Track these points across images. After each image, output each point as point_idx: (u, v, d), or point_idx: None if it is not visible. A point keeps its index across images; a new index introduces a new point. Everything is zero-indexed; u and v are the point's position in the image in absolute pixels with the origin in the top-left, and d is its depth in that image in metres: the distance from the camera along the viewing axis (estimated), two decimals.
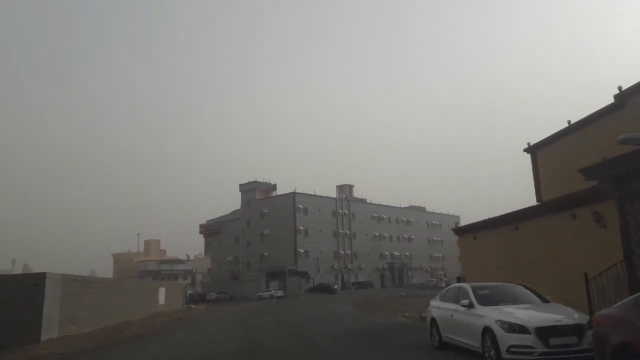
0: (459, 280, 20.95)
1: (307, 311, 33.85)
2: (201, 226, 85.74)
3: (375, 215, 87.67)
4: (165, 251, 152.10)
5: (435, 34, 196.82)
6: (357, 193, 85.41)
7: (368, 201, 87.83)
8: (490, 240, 19.12)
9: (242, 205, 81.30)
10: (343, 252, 79.12)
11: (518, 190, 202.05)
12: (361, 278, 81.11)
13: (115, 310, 24.21)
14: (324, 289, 68.78)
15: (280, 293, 65.34)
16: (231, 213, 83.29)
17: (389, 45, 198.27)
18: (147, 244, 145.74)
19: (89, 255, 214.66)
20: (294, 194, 74.29)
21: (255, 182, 79.61)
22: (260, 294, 66.17)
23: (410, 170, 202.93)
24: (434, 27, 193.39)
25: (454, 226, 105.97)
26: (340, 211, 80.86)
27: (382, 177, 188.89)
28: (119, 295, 25.94)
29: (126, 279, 59.35)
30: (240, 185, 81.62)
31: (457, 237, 23.89)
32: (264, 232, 76.26)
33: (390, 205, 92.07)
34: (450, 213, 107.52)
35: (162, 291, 36.68)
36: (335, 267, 77.19)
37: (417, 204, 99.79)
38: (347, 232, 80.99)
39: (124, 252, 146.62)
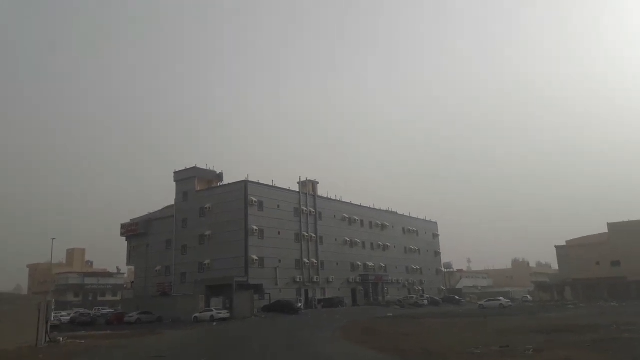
0: None
1: (270, 348, 19.75)
2: (123, 226, 66.15)
3: (346, 216, 71.15)
4: (92, 262, 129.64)
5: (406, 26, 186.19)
6: (321, 193, 68.66)
7: (337, 199, 71.28)
8: None
9: (176, 199, 62.65)
10: (307, 261, 61.90)
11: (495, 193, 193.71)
12: (329, 294, 64.06)
13: None
14: (284, 307, 51.46)
15: (224, 314, 47.95)
16: (163, 209, 64.44)
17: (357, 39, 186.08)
18: (70, 253, 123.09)
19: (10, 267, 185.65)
20: (245, 182, 56.70)
21: (195, 168, 61.37)
22: (197, 314, 48.74)
23: (380, 171, 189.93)
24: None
25: (431, 234, 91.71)
26: (305, 208, 63.78)
27: (348, 176, 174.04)
28: None
29: None
30: (175, 173, 63.10)
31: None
32: (204, 233, 57.96)
33: (363, 205, 75.90)
34: (428, 219, 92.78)
35: None
36: (298, 280, 59.80)
37: (387, 208, 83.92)
38: (313, 235, 63.94)
39: (42, 262, 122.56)
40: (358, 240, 71.93)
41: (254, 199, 56.22)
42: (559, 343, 18.09)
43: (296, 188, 64.19)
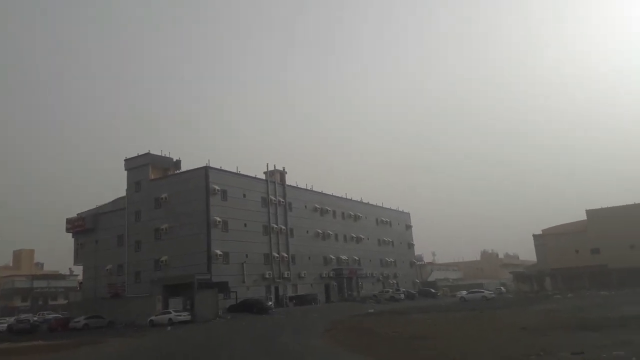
0: None
1: None
2: (68, 221, 58.77)
3: (318, 206, 65.98)
4: (42, 264, 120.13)
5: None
6: (290, 183, 63.02)
7: (307, 188, 66.01)
8: None
9: (128, 189, 55.88)
10: (277, 255, 56.39)
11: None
12: (301, 290, 58.81)
13: None
14: (252, 307, 46.16)
15: (185, 316, 42.41)
16: (113, 202, 57.54)
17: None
18: (17, 255, 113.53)
19: None
20: (206, 169, 50.64)
21: (148, 155, 54.75)
22: (153, 317, 43.03)
23: (350, 159, 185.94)
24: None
25: (404, 225, 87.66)
26: (274, 198, 58.18)
27: (316, 165, 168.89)
28: None
29: None
30: (125, 160, 56.29)
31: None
32: (161, 226, 51.60)
33: (334, 194, 70.92)
34: (400, 209, 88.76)
35: None
36: (267, 276, 54.21)
37: (360, 199, 78.94)
38: (283, 227, 58.44)
39: None
40: (330, 232, 66.94)
41: (217, 187, 50.25)
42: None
43: (263, 177, 58.47)
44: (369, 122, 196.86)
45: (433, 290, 79.64)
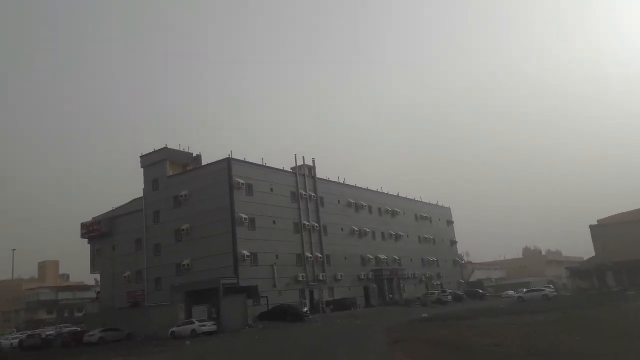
0: None
1: None
2: (83, 226, 54.34)
3: (352, 201, 60.03)
4: (68, 275, 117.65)
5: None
6: (320, 176, 57.13)
7: (340, 181, 60.17)
8: None
9: (145, 188, 51.06)
10: (311, 255, 50.65)
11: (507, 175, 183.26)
12: (338, 294, 52.86)
13: None
14: (286, 314, 40.55)
15: (210, 326, 37.11)
16: (129, 203, 52.84)
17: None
18: (42, 266, 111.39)
19: None
20: (229, 161, 45.33)
21: (166, 150, 49.85)
22: (174, 329, 37.71)
23: (383, 152, 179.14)
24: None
25: (445, 221, 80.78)
26: (304, 192, 52.52)
27: (346, 158, 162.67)
28: None
29: None
30: (142, 157, 51.53)
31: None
32: (181, 227, 46.50)
33: (370, 188, 64.87)
34: (440, 204, 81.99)
35: None
36: (301, 279, 48.50)
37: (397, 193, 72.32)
38: (316, 224, 52.69)
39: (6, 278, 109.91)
40: (367, 230, 60.85)
41: (241, 182, 44.87)
42: None
43: (291, 167, 52.85)
44: (396, 116, 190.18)
45: (481, 291, 72.78)
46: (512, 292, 78.62)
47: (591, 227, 72.80)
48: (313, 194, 53.70)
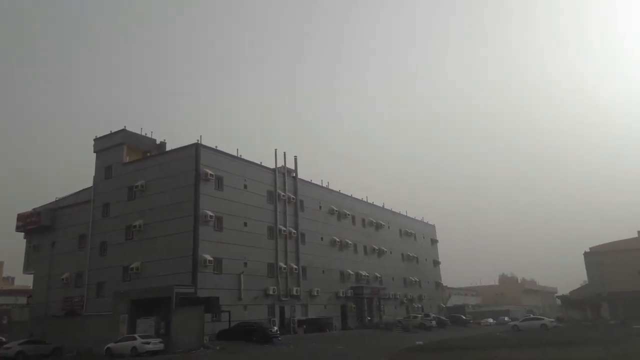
0: None
1: None
2: (20, 217, 46.26)
3: (335, 208, 53.58)
4: (13, 278, 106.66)
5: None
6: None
7: (322, 185, 53.77)
8: None
9: (96, 176, 43.59)
10: (285, 266, 43.82)
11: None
12: (312, 312, 46.00)
13: None
14: (251, 333, 33.50)
15: (155, 344, 29.71)
16: (77, 194, 45.23)
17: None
18: None
19: None
20: (197, 147, 38.41)
21: (124, 132, 42.66)
22: (111, 345, 30.51)
23: (365, 162, 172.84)
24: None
25: (429, 238, 74.75)
26: (282, 193, 45.86)
27: (328, 163, 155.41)
28: None
29: None
30: (95, 140, 44.19)
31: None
32: (134, 223, 39.11)
33: (354, 196, 58.63)
34: (425, 220, 76.27)
35: None
36: (272, 293, 41.51)
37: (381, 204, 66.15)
38: (293, 230, 45.97)
39: None
40: (349, 241, 54.40)
41: (210, 172, 37.95)
42: None
43: (269, 166, 46.19)
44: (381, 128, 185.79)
45: (464, 317, 67.01)
46: (491, 320, 73.64)
47: (585, 253, 68.09)
48: (292, 196, 47.09)
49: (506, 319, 79.17)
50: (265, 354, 27.76)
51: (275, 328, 34.89)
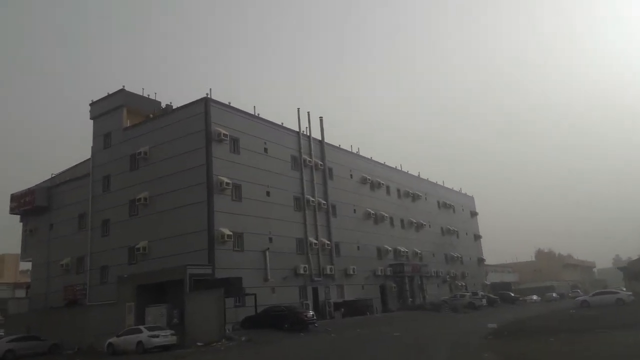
0: None
1: None
2: (14, 198, 40.97)
3: (368, 177, 47.22)
4: (29, 271, 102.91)
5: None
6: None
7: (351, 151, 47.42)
8: None
9: (94, 146, 37.92)
10: (316, 241, 37.72)
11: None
12: (349, 294, 39.91)
13: None
14: (282, 319, 27.38)
15: (166, 336, 23.69)
16: (74, 168, 39.77)
17: None
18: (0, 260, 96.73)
19: None
20: (206, 101, 32.27)
21: (122, 93, 36.76)
22: (113, 339, 25.21)
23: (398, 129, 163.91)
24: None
25: (468, 210, 67.33)
26: (309, 159, 39.64)
27: (356, 125, 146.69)
28: None
29: None
30: (91, 105, 38.47)
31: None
32: (138, 196, 33.30)
33: (387, 164, 52.18)
34: (463, 191, 69.49)
35: None
36: (302, 272, 35.49)
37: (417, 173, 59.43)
38: (322, 201, 39.82)
39: None
40: (385, 214, 48.06)
41: (223, 133, 31.85)
42: None
43: (292, 128, 39.83)
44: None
45: (512, 295, 60.60)
46: (535, 297, 67.26)
47: None
48: (320, 162, 40.83)
49: (554, 294, 72.89)
50: (305, 345, 21.80)
51: (312, 312, 28.91)
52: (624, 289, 47.55)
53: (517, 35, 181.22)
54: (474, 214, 70.41)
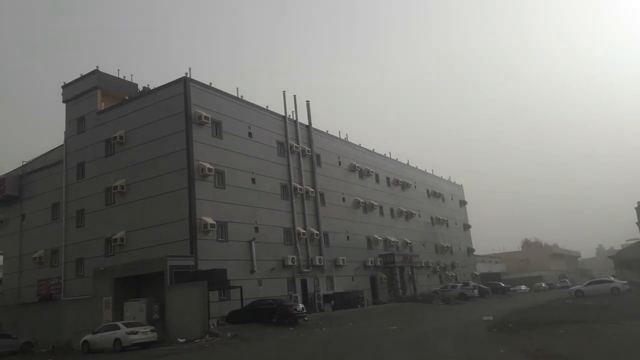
0: None
1: None
2: None
3: (356, 164, 45.61)
4: None
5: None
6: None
7: (339, 137, 45.74)
8: None
9: (67, 131, 35.66)
10: (304, 231, 36.02)
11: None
12: (339, 285, 38.35)
13: None
14: (270, 313, 25.60)
15: (145, 333, 21.80)
16: (46, 154, 37.45)
17: None
18: None
19: None
20: (185, 81, 30.21)
21: (97, 74, 34.49)
22: (88, 337, 23.31)
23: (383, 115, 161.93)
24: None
25: (457, 199, 65.91)
26: (295, 145, 37.83)
27: (342, 110, 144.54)
28: None
29: None
30: (63, 88, 36.13)
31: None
32: (114, 184, 31.22)
33: (376, 151, 50.65)
34: (452, 180, 68.37)
35: None
36: (291, 263, 33.80)
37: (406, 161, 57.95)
38: (310, 188, 38.11)
39: None
40: (374, 203, 46.53)
41: (204, 115, 29.86)
42: None
43: (277, 111, 37.92)
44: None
45: (503, 285, 59.72)
46: (523, 287, 66.78)
47: (637, 209, 59.84)
48: (307, 148, 39.06)
49: (543, 285, 72.46)
50: (297, 341, 20.12)
51: (301, 306, 27.26)
52: (613, 278, 46.93)
53: (501, 27, 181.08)
54: (463, 203, 69.39)
